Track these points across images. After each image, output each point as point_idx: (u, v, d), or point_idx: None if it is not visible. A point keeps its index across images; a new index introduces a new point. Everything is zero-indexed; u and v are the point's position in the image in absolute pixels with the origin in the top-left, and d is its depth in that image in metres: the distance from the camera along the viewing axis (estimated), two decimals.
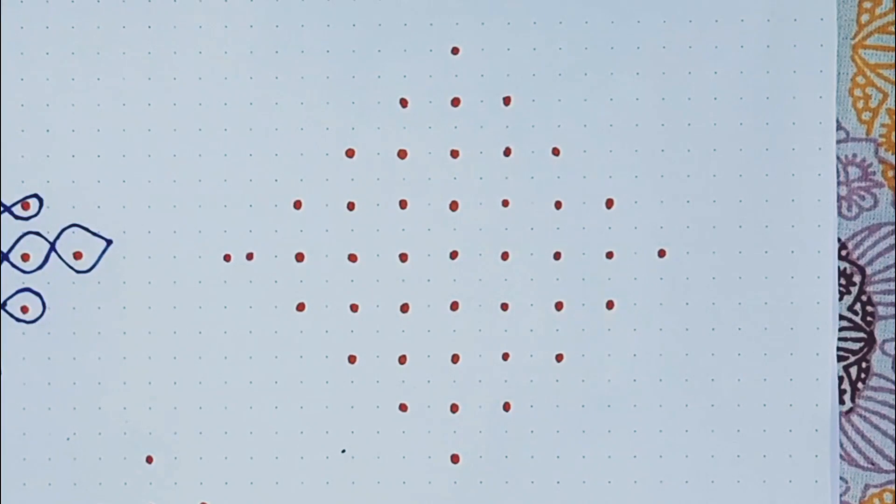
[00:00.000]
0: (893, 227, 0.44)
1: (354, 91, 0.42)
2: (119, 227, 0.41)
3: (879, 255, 0.44)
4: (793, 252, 0.43)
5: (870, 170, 0.44)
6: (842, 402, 0.44)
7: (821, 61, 0.43)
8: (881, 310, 0.44)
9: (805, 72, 0.43)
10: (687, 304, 0.43)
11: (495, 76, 0.42)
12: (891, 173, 0.44)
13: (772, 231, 0.43)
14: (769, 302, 0.43)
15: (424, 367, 0.43)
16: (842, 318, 0.44)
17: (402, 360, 0.42)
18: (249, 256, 0.42)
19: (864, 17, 0.44)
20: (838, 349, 0.44)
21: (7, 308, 0.41)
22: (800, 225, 0.43)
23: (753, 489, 0.43)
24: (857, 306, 0.44)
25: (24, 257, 0.41)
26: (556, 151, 0.43)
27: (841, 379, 0.44)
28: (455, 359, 0.43)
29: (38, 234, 0.41)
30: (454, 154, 0.42)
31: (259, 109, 0.42)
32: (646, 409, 0.43)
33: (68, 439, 0.42)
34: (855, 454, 0.44)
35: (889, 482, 0.44)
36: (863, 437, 0.44)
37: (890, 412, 0.44)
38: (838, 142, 0.44)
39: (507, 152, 0.43)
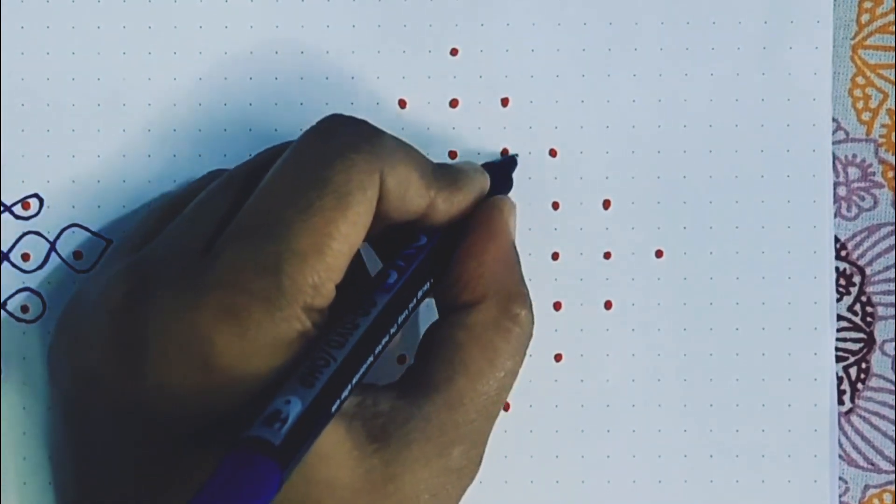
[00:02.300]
0: (893, 228, 0.44)
1: (353, 91, 0.42)
2: (119, 226, 0.41)
3: (879, 255, 0.44)
4: (789, 252, 0.43)
5: (869, 170, 0.44)
6: (841, 402, 0.44)
7: (816, 63, 0.43)
8: (881, 310, 0.44)
9: (800, 74, 0.43)
10: (684, 304, 0.43)
11: (493, 77, 0.43)
12: (891, 174, 0.44)
13: (768, 231, 0.43)
14: (766, 302, 0.43)
15: None
16: (841, 318, 0.44)
17: (402, 360, 0.43)
18: None
19: (865, 17, 0.44)
20: (838, 350, 0.44)
21: (7, 308, 0.41)
22: (796, 225, 0.43)
23: (752, 489, 0.43)
24: (857, 307, 0.44)
25: (25, 257, 0.41)
26: (553, 152, 0.43)
27: (840, 379, 0.44)
28: None
29: (38, 233, 0.41)
30: (452, 155, 0.42)
31: (259, 110, 0.42)
32: (644, 409, 0.43)
33: None
34: (854, 455, 0.44)
35: (889, 483, 0.44)
36: (862, 437, 0.44)
37: (889, 413, 0.44)
38: (838, 142, 0.44)
39: (504, 153, 0.43)
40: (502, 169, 0.42)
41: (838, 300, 0.44)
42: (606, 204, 0.43)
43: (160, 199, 0.41)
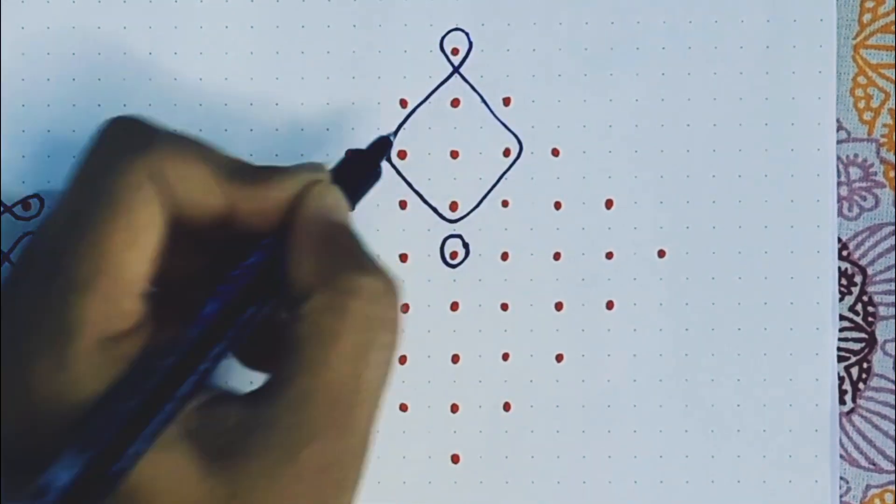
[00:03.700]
0: (894, 228, 0.44)
1: (354, 91, 0.42)
2: None
3: (880, 255, 0.44)
4: (792, 252, 0.43)
5: (871, 170, 0.44)
6: (843, 402, 0.44)
7: (820, 62, 0.43)
8: (882, 310, 0.44)
9: (804, 73, 0.43)
10: (686, 304, 0.43)
11: (495, 77, 0.42)
12: (892, 173, 0.44)
13: (771, 231, 0.43)
14: (769, 302, 0.43)
15: (425, 367, 0.43)
16: (843, 318, 0.44)
17: (403, 360, 0.42)
18: None
19: (867, 17, 0.44)
20: (839, 349, 0.44)
21: None
22: (799, 225, 0.43)
23: (753, 489, 0.43)
24: (858, 307, 0.44)
25: None
26: (555, 152, 0.43)
27: (842, 379, 0.44)
28: (455, 359, 0.43)
29: None
30: (454, 154, 0.42)
31: (259, 110, 0.42)
32: (646, 409, 0.43)
33: None
34: (856, 454, 0.44)
35: (890, 483, 0.44)
36: (864, 437, 0.44)
37: (891, 412, 0.44)
38: (840, 142, 0.44)
39: (506, 153, 0.43)
40: (370, 155, 0.40)
41: (840, 300, 0.44)
42: (609, 204, 0.43)
43: None
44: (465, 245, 0.42)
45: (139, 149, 0.33)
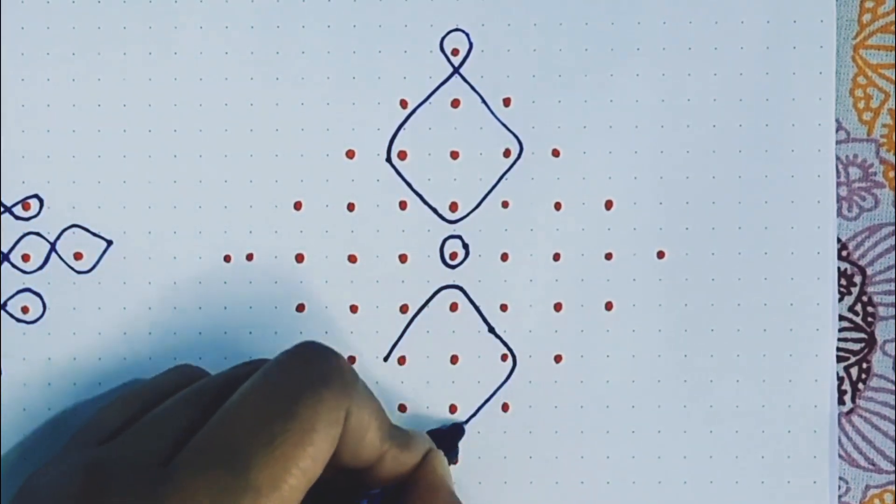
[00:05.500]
0: (894, 228, 0.44)
1: (354, 92, 0.42)
2: (119, 227, 0.41)
3: (880, 255, 0.44)
4: (792, 253, 0.43)
5: (870, 170, 0.44)
6: (842, 402, 0.44)
7: (820, 63, 0.43)
8: (882, 310, 0.44)
9: (804, 73, 0.43)
10: (686, 305, 0.43)
11: (495, 77, 0.42)
12: (892, 174, 0.44)
13: (771, 232, 0.43)
14: (768, 303, 0.43)
15: (424, 367, 0.43)
16: (842, 318, 0.44)
17: (402, 360, 0.43)
18: (249, 257, 0.42)
19: (866, 17, 0.44)
20: (839, 350, 0.44)
21: (7, 308, 0.41)
22: (799, 226, 0.43)
23: (752, 490, 0.43)
24: (858, 307, 0.44)
25: (25, 258, 0.41)
26: (555, 152, 0.43)
27: (841, 379, 0.44)
28: (454, 359, 0.43)
29: (38, 234, 0.41)
30: (454, 155, 0.42)
31: (259, 110, 0.42)
32: (645, 410, 0.43)
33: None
34: (855, 455, 0.44)
35: (889, 483, 0.44)
36: (863, 437, 0.44)
37: (890, 413, 0.44)
38: (839, 142, 0.44)
39: (506, 153, 0.43)
40: (449, 437, 0.42)
41: (839, 300, 0.44)
42: (608, 204, 0.43)
43: (125, 391, 0.40)
44: (465, 246, 0.42)
45: (342, 385, 0.35)
